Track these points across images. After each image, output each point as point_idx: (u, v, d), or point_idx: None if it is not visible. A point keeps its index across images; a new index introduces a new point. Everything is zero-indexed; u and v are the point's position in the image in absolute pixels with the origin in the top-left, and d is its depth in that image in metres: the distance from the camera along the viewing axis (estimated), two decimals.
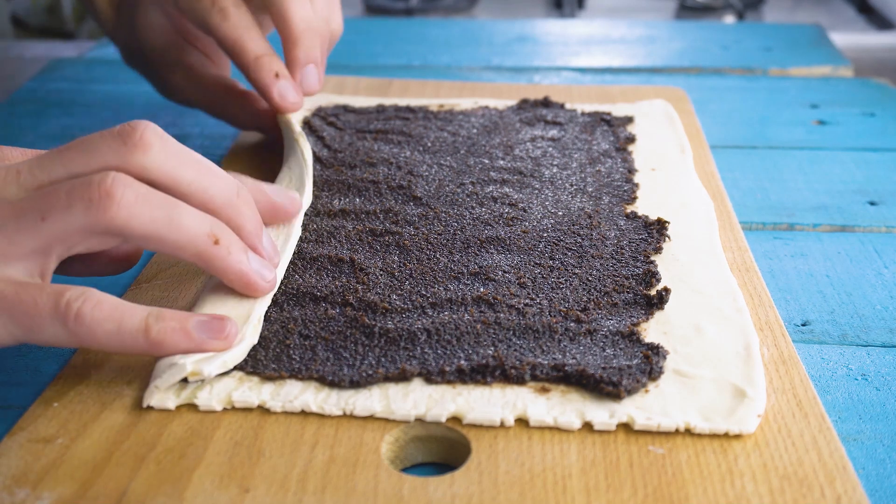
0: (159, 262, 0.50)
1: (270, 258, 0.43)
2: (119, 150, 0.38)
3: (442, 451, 0.37)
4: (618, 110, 0.69)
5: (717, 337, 0.41)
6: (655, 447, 0.36)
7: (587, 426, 0.37)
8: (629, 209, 0.53)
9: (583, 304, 0.43)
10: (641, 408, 0.37)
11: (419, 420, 0.37)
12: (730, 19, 1.47)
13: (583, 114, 0.68)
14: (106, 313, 0.36)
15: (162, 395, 0.38)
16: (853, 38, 1.09)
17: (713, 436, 0.36)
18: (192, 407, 0.38)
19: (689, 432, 0.36)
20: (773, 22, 1.43)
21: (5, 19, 1.68)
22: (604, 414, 0.37)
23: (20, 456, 0.35)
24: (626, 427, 0.37)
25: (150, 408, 0.38)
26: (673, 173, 0.58)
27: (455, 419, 0.37)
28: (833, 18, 1.40)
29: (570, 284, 0.45)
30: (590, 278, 0.46)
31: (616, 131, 0.64)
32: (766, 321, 0.44)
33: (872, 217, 0.58)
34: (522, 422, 0.37)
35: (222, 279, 0.41)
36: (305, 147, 0.56)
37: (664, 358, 0.40)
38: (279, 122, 0.61)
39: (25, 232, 0.36)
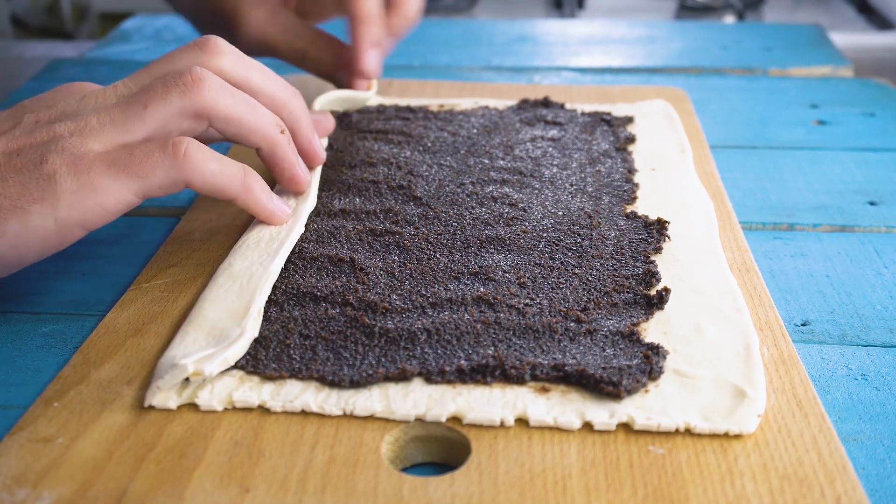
0: (159, 264, 0.50)
1: (319, 153, 0.53)
2: (199, 57, 0.46)
3: (442, 451, 0.37)
4: (618, 110, 0.69)
5: (717, 337, 0.41)
6: (655, 447, 0.36)
7: (587, 426, 0.37)
8: (629, 209, 0.53)
9: (583, 304, 0.43)
10: (641, 408, 0.37)
11: (419, 420, 0.37)
12: (730, 19, 1.47)
13: (583, 114, 0.68)
14: (209, 154, 0.44)
15: (163, 395, 0.38)
16: (853, 38, 1.09)
17: (713, 436, 0.36)
18: (192, 407, 0.38)
19: (689, 432, 0.36)
20: (773, 22, 1.43)
21: (5, 19, 1.68)
22: (604, 414, 0.37)
23: (20, 456, 0.35)
24: (626, 427, 0.37)
25: (151, 407, 0.38)
26: (673, 173, 0.58)
27: (455, 419, 0.37)
28: (833, 18, 1.40)
29: (570, 284, 0.45)
30: (590, 278, 0.46)
31: (616, 131, 0.64)
32: (766, 321, 0.44)
33: (872, 217, 0.58)
34: (522, 422, 0.37)
35: (276, 167, 0.49)
36: None
37: (664, 358, 0.40)
38: None
39: (132, 121, 0.43)
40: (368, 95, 0.66)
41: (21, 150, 0.42)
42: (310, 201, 0.51)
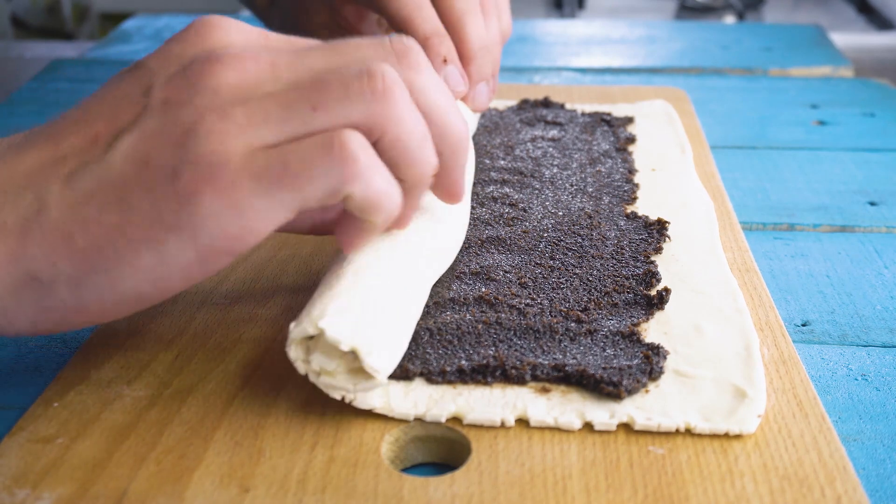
0: None
1: (461, 194, 0.41)
2: (394, 65, 0.37)
3: (442, 451, 0.37)
4: (618, 110, 0.69)
5: (718, 337, 0.41)
6: (655, 447, 0.35)
7: (587, 426, 0.37)
8: (629, 209, 0.53)
9: (583, 305, 0.43)
10: (642, 408, 0.37)
11: (419, 420, 0.37)
12: (730, 19, 1.47)
13: (583, 114, 0.68)
14: (376, 162, 0.35)
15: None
16: (853, 38, 1.09)
17: (713, 436, 0.36)
18: (191, 406, 0.38)
19: (689, 432, 0.36)
20: (773, 22, 1.43)
21: (5, 19, 1.68)
22: (604, 414, 0.37)
23: (20, 456, 0.35)
24: (626, 427, 0.37)
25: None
26: (673, 173, 0.58)
27: (455, 419, 0.37)
28: (833, 18, 1.40)
29: (571, 284, 0.45)
30: (590, 278, 0.45)
31: (616, 131, 0.64)
32: (766, 321, 0.44)
33: (872, 217, 0.58)
34: (522, 422, 0.37)
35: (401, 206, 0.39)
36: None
37: (664, 358, 0.39)
38: None
39: (292, 122, 0.34)
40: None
41: (150, 155, 0.34)
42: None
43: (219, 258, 0.35)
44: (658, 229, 0.50)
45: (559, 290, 0.45)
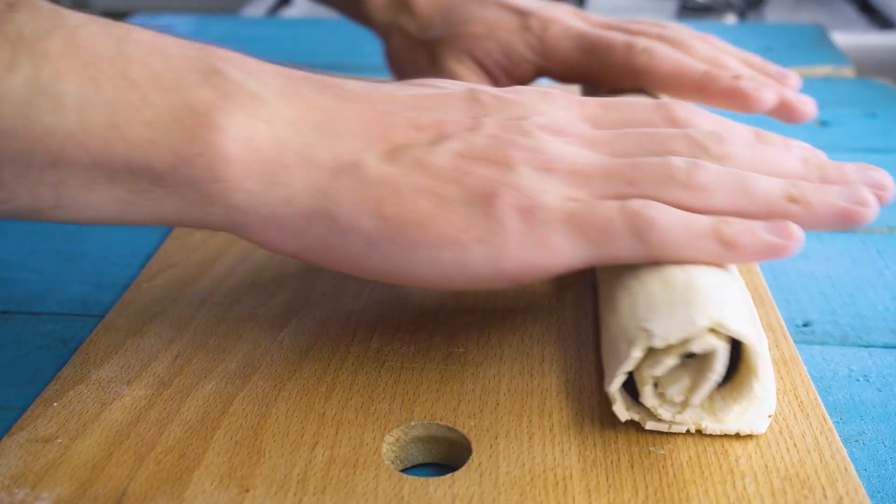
0: (159, 262, 0.50)
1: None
2: (694, 148, 0.38)
3: (442, 451, 0.37)
4: None
5: None
6: (657, 448, 0.35)
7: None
8: None
9: None
10: None
11: (420, 420, 0.37)
12: (731, 19, 1.47)
13: None
14: (674, 218, 0.35)
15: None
16: (855, 38, 1.09)
17: (714, 437, 0.36)
18: (191, 406, 0.38)
19: (698, 432, 0.36)
20: (775, 22, 1.43)
21: None
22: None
23: (19, 456, 0.35)
24: (628, 428, 0.36)
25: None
26: None
27: (455, 419, 0.37)
28: (834, 18, 1.40)
29: None
30: None
31: None
32: (767, 322, 0.44)
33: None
34: (525, 422, 0.37)
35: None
36: None
37: None
38: None
39: (608, 190, 0.36)
40: None
41: (473, 166, 0.36)
42: None
43: (504, 281, 0.36)
44: None
45: None
